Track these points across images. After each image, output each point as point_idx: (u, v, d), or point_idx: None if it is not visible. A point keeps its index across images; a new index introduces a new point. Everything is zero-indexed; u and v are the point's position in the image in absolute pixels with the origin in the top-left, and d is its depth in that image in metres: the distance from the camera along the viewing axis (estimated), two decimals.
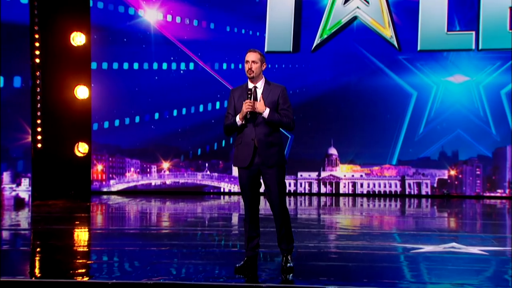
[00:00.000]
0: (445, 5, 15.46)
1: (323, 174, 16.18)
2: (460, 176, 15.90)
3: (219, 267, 7.01)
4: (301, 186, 16.34)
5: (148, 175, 16.34)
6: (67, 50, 15.56)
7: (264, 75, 6.84)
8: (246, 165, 6.62)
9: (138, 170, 16.33)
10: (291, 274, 6.55)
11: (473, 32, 15.45)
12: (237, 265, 6.71)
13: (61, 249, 8.31)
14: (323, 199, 15.71)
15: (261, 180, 6.81)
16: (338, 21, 15.81)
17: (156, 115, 16.21)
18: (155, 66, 16.14)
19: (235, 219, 12.35)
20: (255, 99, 6.63)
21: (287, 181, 17.12)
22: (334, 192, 16.19)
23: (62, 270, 6.94)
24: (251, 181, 6.69)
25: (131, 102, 16.17)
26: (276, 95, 6.70)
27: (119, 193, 16.00)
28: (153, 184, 16.36)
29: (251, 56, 6.72)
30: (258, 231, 6.85)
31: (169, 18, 16.13)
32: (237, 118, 6.61)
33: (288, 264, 6.66)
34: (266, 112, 6.59)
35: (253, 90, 6.67)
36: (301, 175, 16.32)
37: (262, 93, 6.69)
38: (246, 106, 6.53)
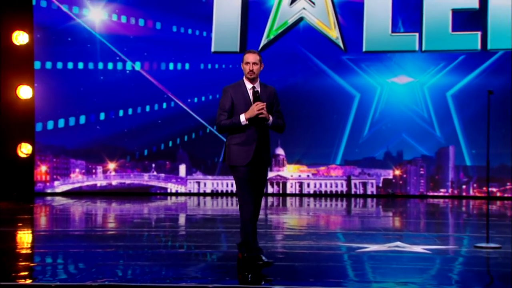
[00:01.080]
0: (389, 6, 15.69)
1: (270, 175, 16.23)
2: (404, 176, 16.13)
3: (165, 268, 6.96)
4: None
5: (94, 176, 16.16)
6: (10, 49, 15.31)
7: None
8: (247, 163, 6.61)
9: (83, 171, 16.14)
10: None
11: (417, 34, 15.70)
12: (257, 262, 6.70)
13: (3, 251, 8.15)
14: (270, 199, 15.75)
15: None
16: (285, 21, 15.89)
17: (102, 115, 16.05)
18: (101, 65, 15.97)
19: (182, 219, 12.30)
20: (256, 98, 6.63)
21: (234, 181, 17.14)
22: (281, 192, 16.26)
23: (4, 273, 6.80)
24: (252, 176, 6.68)
25: (76, 102, 15.98)
26: (272, 96, 6.79)
27: (63, 194, 15.80)
28: (98, 185, 16.19)
29: (252, 58, 6.76)
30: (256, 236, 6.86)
31: (114, 17, 15.98)
32: (242, 118, 6.59)
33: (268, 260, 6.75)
34: (271, 119, 6.64)
35: (259, 91, 6.70)
36: None
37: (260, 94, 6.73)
38: (258, 108, 6.52)
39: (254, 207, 6.73)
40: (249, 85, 6.78)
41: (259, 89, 6.78)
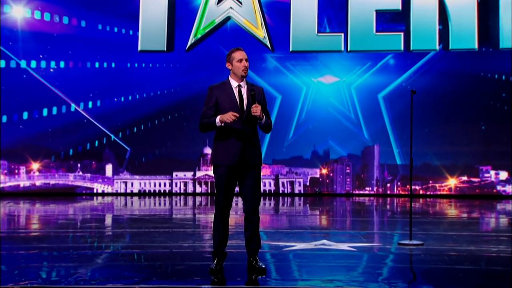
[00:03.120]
0: (315, 6, 15.86)
1: (199, 174, 16.20)
2: (331, 174, 16.34)
3: (91, 269, 6.86)
4: (176, 186, 16.30)
5: (16, 176, 15.82)
6: None
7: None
8: (233, 163, 6.46)
9: (5, 171, 15.77)
10: (263, 276, 6.48)
11: (342, 34, 15.92)
12: (211, 267, 6.55)
13: None
14: (198, 198, 15.71)
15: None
16: (212, 21, 15.88)
17: (25, 115, 15.71)
18: (23, 64, 15.64)
19: (108, 220, 12.15)
20: (254, 99, 6.47)
21: (161, 181, 17.13)
22: (209, 191, 16.25)
23: None
24: (232, 179, 6.54)
25: None
26: (260, 96, 6.60)
27: None
28: (21, 185, 15.84)
29: (244, 54, 6.57)
30: (227, 232, 6.72)
31: (37, 15, 15.66)
32: (217, 119, 6.41)
33: (261, 264, 6.58)
34: (264, 119, 6.50)
35: (242, 91, 6.54)
36: (176, 175, 16.28)
37: (246, 93, 6.56)
38: (257, 111, 6.37)
39: (225, 209, 6.66)
40: (234, 84, 6.63)
41: (245, 88, 6.61)
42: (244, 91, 6.59)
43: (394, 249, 8.23)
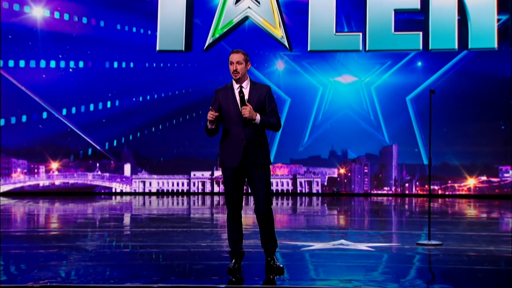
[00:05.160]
0: (333, 6, 15.80)
1: (216, 174, 16.22)
2: (349, 174, 16.30)
3: (110, 268, 6.89)
4: (194, 185, 16.33)
5: (36, 175, 15.92)
6: None
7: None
8: (236, 165, 6.47)
9: (25, 170, 15.87)
10: (281, 275, 6.49)
11: (360, 34, 15.86)
12: (229, 266, 6.59)
13: None
14: (216, 198, 15.73)
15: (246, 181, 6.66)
16: (230, 20, 15.89)
17: (44, 114, 15.81)
18: (43, 64, 15.73)
19: (126, 219, 12.19)
20: (243, 101, 6.48)
21: (179, 181, 17.16)
22: None
23: None
24: (238, 181, 6.55)
25: (17, 101, 15.72)
26: (263, 95, 6.61)
27: (4, 194, 15.51)
28: (41, 185, 15.95)
29: (235, 57, 6.62)
30: (242, 231, 6.75)
31: (56, 15, 15.75)
32: (208, 124, 6.46)
33: (278, 264, 6.59)
34: (258, 119, 6.47)
35: (244, 92, 6.56)
36: (194, 175, 16.31)
37: (249, 93, 6.57)
38: (245, 112, 6.39)
39: (235, 210, 6.74)
40: (236, 86, 6.66)
41: (248, 89, 6.62)
42: (246, 92, 6.61)
43: (412, 249, 8.20)
